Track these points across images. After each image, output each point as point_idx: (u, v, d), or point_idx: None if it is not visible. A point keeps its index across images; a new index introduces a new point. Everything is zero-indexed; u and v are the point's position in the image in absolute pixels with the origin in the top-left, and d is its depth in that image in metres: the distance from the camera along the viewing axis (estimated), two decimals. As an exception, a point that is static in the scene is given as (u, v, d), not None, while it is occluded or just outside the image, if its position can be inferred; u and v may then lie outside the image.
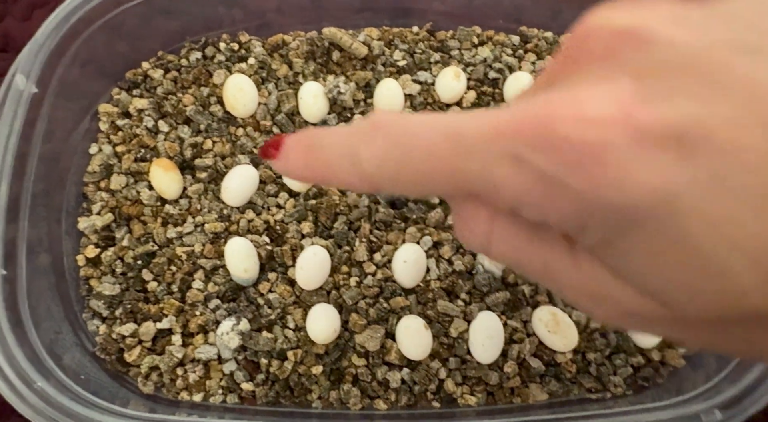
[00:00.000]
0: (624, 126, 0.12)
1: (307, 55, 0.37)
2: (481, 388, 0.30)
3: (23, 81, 0.30)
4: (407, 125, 0.15)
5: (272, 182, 0.34)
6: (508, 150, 0.13)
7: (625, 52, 0.13)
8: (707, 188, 0.11)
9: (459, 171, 0.14)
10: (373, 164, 0.15)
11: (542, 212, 0.14)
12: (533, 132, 0.13)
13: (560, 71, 0.15)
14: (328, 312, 0.30)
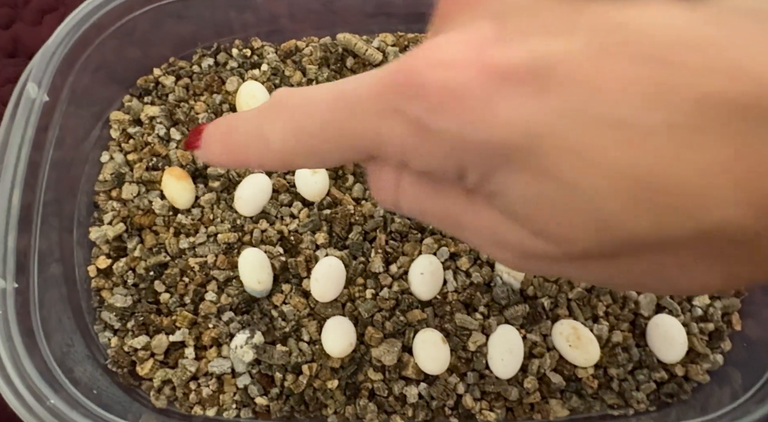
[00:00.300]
0: (478, 66, 0.12)
1: (321, 62, 0.36)
2: (500, 404, 0.29)
3: (35, 89, 0.30)
4: (302, 97, 0.16)
5: (285, 192, 0.33)
6: (385, 105, 0.14)
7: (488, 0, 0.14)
8: (566, 120, 0.12)
9: (350, 134, 0.15)
10: (278, 140, 0.16)
11: (424, 160, 0.14)
12: (401, 83, 0.13)
13: (437, 25, 0.16)
14: (343, 325, 0.30)
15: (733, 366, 0.31)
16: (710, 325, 0.31)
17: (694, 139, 0.11)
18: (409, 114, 0.13)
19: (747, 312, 0.32)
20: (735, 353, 0.31)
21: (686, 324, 0.31)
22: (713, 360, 0.31)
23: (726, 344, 0.31)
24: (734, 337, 0.32)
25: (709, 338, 0.31)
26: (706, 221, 0.11)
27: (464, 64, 0.13)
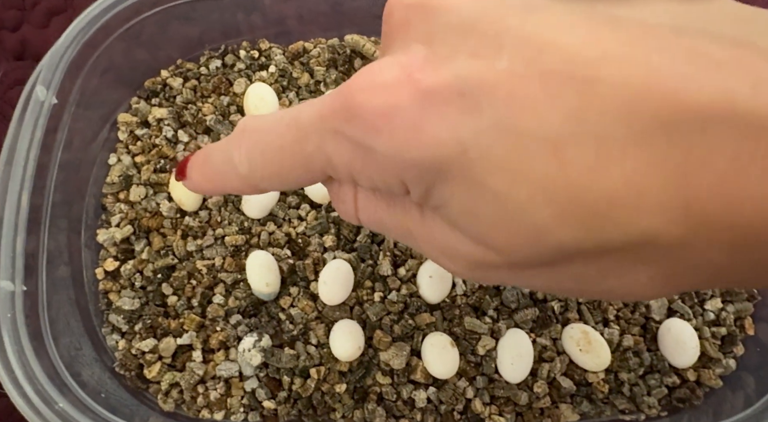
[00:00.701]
0: (408, 88, 0.13)
1: (329, 63, 0.36)
2: (510, 408, 0.29)
3: (44, 92, 0.30)
4: (263, 124, 0.17)
5: (293, 194, 0.33)
6: (328, 127, 0.15)
7: (417, 22, 0.14)
8: (493, 136, 0.12)
9: (303, 156, 0.16)
10: (244, 166, 0.17)
11: (369, 178, 0.15)
12: (340, 107, 0.14)
13: (381, 49, 0.17)
14: (351, 329, 0.29)
15: (746, 370, 0.30)
16: (723, 329, 0.31)
17: (616, 150, 0.11)
18: (349, 136, 0.14)
19: (760, 316, 0.32)
20: (748, 357, 0.31)
21: (698, 328, 0.30)
22: (726, 365, 0.30)
23: (739, 348, 0.31)
24: (747, 341, 0.31)
25: (721, 342, 0.31)
26: (634, 230, 0.12)
27: (395, 86, 0.13)
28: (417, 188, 0.14)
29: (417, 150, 0.13)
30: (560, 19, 0.13)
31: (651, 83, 0.11)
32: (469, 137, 0.12)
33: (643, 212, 0.11)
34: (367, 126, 0.14)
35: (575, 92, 0.11)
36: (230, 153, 0.17)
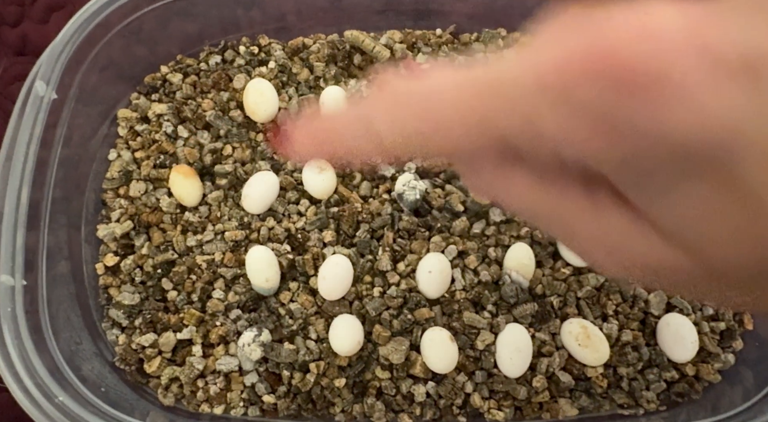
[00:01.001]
0: (695, 49, 0.10)
1: (328, 59, 0.36)
2: (508, 403, 0.29)
3: (43, 87, 0.30)
4: (423, 88, 0.14)
5: (293, 189, 0.33)
6: (555, 91, 0.12)
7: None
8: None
9: (491, 121, 0.13)
10: (392, 134, 0.14)
11: (586, 152, 0.12)
12: (583, 57, 0.11)
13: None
14: (351, 323, 0.30)
15: (745, 365, 0.30)
16: (721, 324, 0.31)
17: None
18: (585, 99, 0.11)
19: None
20: (747, 352, 0.31)
21: (697, 322, 0.30)
22: (724, 360, 0.30)
23: (738, 343, 0.31)
24: (746, 336, 0.31)
25: (720, 337, 0.31)
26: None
27: (679, 43, 0.10)
28: (646, 174, 0.12)
29: (687, 130, 0.11)
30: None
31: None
32: (747, 122, 0.10)
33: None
34: (628, 89, 0.11)
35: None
36: (369, 120, 0.14)
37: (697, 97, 0.10)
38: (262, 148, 0.34)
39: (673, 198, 0.12)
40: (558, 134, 0.12)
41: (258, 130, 0.35)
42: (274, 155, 0.33)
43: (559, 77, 0.11)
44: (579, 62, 0.11)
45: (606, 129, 0.11)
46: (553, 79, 0.12)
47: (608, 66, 0.11)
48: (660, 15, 0.11)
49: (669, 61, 0.10)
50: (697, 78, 0.10)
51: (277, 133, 0.18)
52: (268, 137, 0.18)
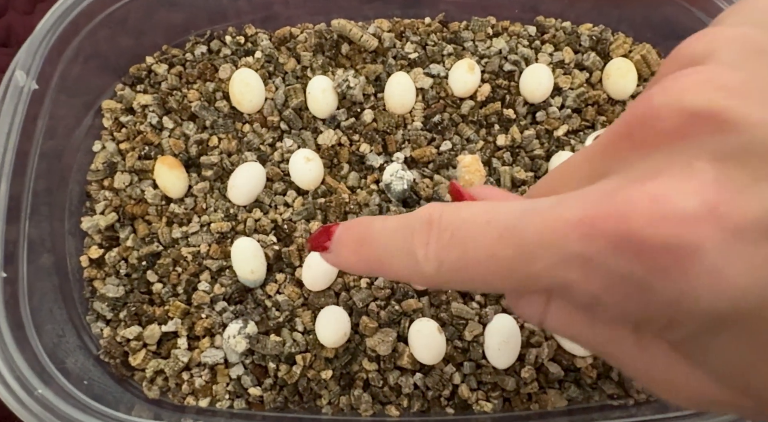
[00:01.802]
0: (712, 225, 0.11)
1: (316, 48, 0.35)
2: (497, 394, 0.29)
3: (23, 77, 0.29)
4: (463, 225, 0.15)
5: (280, 180, 0.33)
6: (578, 252, 0.13)
7: (701, 136, 0.12)
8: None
9: (521, 273, 0.14)
10: (431, 265, 0.15)
11: (623, 312, 0.13)
12: (607, 233, 0.12)
13: (624, 150, 0.14)
14: (337, 315, 0.29)
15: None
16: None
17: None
18: (612, 268, 0.12)
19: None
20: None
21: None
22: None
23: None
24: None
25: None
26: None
27: (696, 220, 0.11)
28: (683, 331, 0.13)
29: (712, 299, 0.11)
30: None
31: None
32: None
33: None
34: (650, 264, 0.12)
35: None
36: (412, 247, 0.15)
37: (718, 268, 0.11)
38: (249, 139, 0.33)
39: (700, 348, 0.13)
40: (585, 293, 0.13)
41: (244, 120, 0.34)
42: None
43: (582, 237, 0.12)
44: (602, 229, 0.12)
45: (631, 292, 0.12)
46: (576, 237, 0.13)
47: (631, 240, 0.12)
48: (672, 197, 0.12)
49: (689, 240, 0.11)
50: (717, 252, 0.11)
51: (322, 232, 0.19)
52: (314, 237, 0.19)
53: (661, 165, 0.12)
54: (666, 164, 0.12)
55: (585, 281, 0.13)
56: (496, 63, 0.35)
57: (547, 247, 0.13)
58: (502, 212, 0.14)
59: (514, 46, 0.35)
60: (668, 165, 0.12)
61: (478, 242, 0.14)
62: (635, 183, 0.12)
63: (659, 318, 0.13)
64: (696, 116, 0.12)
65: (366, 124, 0.34)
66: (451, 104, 0.34)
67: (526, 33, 0.36)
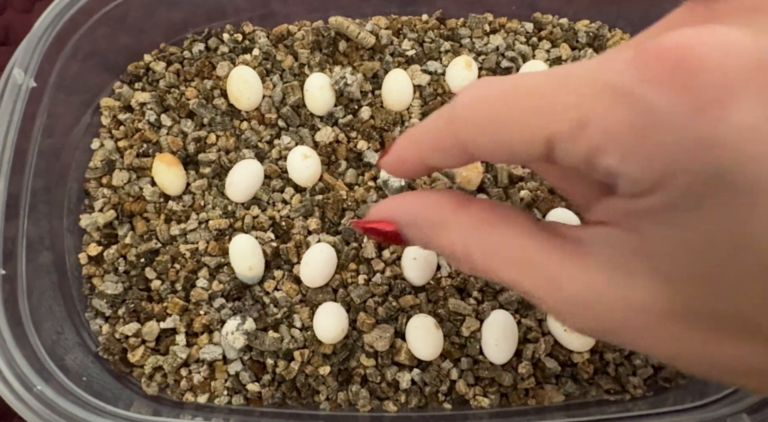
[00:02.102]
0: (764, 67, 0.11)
1: (313, 46, 0.35)
2: (494, 389, 0.29)
3: (21, 75, 0.29)
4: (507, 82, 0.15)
5: (277, 177, 0.33)
6: (615, 82, 0.12)
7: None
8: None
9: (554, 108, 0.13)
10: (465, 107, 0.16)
11: (626, 157, 0.12)
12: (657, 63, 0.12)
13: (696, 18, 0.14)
14: (335, 311, 0.29)
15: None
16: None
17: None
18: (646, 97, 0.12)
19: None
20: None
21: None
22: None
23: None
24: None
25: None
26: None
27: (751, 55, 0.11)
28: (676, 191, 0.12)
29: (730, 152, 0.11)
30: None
31: None
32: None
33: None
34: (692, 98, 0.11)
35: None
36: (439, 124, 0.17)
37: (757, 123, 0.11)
38: (247, 136, 0.33)
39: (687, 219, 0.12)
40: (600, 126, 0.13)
41: (242, 118, 0.34)
42: (266, 156, 0.33)
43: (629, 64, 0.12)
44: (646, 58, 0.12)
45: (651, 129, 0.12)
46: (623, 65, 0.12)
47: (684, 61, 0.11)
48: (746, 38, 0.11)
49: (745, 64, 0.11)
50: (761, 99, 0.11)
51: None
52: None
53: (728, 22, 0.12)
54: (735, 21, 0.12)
55: (607, 113, 0.12)
56: (493, 60, 0.35)
57: (588, 76, 0.13)
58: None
59: (511, 43, 0.36)
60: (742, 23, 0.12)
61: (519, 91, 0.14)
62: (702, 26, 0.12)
63: (663, 165, 0.12)
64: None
65: (363, 121, 0.34)
66: (448, 101, 0.34)
67: (523, 30, 0.36)
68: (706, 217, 0.12)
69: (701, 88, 0.11)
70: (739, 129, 0.11)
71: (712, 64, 0.11)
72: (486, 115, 0.15)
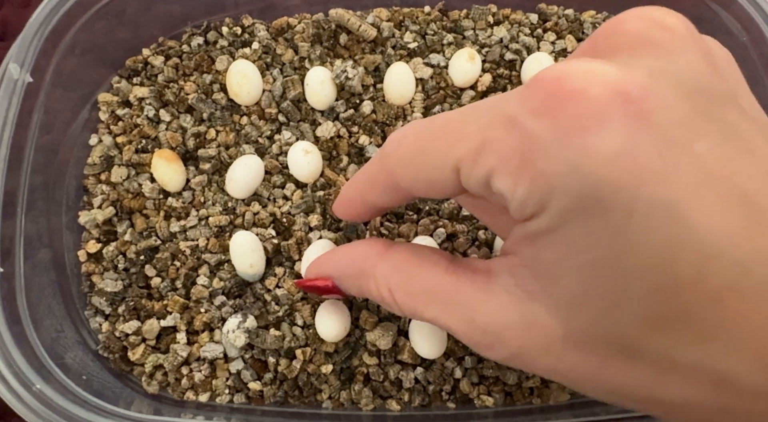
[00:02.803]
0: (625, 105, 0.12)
1: (314, 39, 0.35)
2: (498, 388, 0.29)
3: (17, 70, 0.29)
4: (423, 121, 0.17)
5: (278, 173, 0.32)
6: (507, 112, 0.14)
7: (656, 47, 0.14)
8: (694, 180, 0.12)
9: (458, 137, 0.15)
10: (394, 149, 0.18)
11: (515, 181, 0.14)
12: (538, 91, 0.13)
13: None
14: (337, 309, 0.29)
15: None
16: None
17: None
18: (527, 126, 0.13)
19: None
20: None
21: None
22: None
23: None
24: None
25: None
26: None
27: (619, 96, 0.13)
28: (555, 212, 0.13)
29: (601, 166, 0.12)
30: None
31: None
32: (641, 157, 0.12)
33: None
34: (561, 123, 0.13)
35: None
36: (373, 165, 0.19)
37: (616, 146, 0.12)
38: (247, 131, 0.33)
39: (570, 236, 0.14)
40: (494, 151, 0.14)
41: (242, 113, 0.34)
42: (266, 152, 0.33)
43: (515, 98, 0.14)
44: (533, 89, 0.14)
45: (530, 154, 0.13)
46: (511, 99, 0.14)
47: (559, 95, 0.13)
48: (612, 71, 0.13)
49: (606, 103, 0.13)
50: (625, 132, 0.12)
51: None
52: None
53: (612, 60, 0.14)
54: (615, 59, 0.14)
55: (499, 140, 0.14)
56: (497, 52, 0.34)
57: (487, 108, 0.14)
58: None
59: (515, 35, 0.35)
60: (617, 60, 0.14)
61: (435, 120, 0.16)
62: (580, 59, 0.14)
63: (543, 187, 0.13)
64: (658, 23, 0.14)
65: (365, 115, 0.33)
66: (451, 95, 0.34)
67: (527, 21, 0.36)
68: (583, 240, 0.13)
69: (569, 117, 0.12)
70: (603, 155, 0.12)
71: (579, 95, 0.12)
72: (408, 150, 0.17)
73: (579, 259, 0.13)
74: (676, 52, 0.14)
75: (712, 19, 0.33)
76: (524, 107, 0.13)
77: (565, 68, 0.13)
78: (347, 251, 0.22)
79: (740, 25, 0.32)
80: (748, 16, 0.31)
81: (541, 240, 0.14)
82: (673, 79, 0.13)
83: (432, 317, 0.17)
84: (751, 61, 0.32)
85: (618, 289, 0.13)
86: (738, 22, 0.32)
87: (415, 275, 0.18)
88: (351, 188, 0.22)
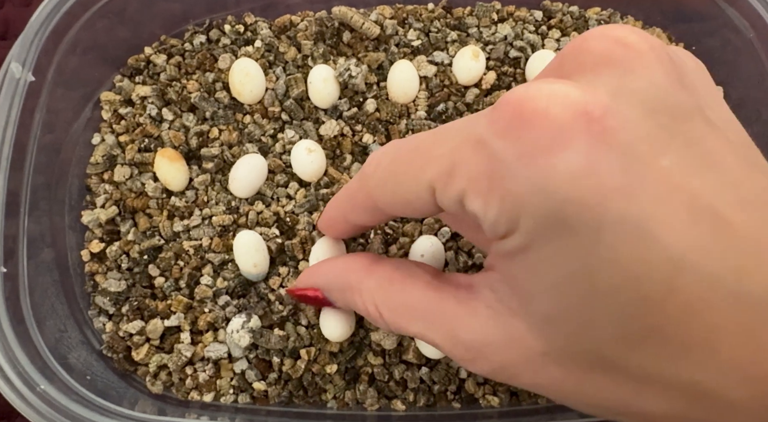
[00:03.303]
0: (577, 109, 0.13)
1: (317, 37, 0.35)
2: (504, 388, 0.29)
3: (18, 69, 0.29)
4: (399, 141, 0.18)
5: (281, 172, 0.32)
6: (475, 133, 0.14)
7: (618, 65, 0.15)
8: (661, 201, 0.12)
9: (430, 159, 0.15)
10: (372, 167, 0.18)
11: (485, 202, 0.14)
12: (504, 113, 0.13)
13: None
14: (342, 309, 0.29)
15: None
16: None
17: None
18: (493, 148, 0.13)
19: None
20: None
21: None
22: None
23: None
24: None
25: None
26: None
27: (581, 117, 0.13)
28: (525, 232, 0.13)
29: (568, 186, 0.12)
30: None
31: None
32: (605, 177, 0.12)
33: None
34: (525, 145, 0.13)
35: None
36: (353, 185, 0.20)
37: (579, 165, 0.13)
38: (250, 130, 0.33)
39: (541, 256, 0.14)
40: (464, 172, 0.15)
41: (245, 111, 0.34)
42: (269, 151, 0.33)
43: (483, 120, 0.14)
44: (499, 112, 0.14)
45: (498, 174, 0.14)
46: (480, 121, 0.14)
47: (523, 116, 0.13)
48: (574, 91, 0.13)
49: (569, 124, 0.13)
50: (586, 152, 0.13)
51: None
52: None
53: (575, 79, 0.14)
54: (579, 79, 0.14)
55: (468, 161, 0.14)
56: (502, 50, 0.34)
57: (457, 130, 0.15)
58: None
59: (519, 32, 0.35)
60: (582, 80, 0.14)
61: (410, 140, 0.17)
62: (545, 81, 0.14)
63: (506, 211, 0.13)
64: (620, 42, 0.14)
65: (368, 114, 0.33)
66: (455, 93, 0.33)
67: (532, 18, 0.35)
68: (554, 259, 0.13)
69: (532, 137, 0.13)
70: (567, 174, 0.12)
71: (541, 116, 0.13)
72: (384, 172, 0.17)
73: (552, 277, 0.13)
74: (639, 69, 0.14)
75: (719, 16, 0.33)
76: (491, 128, 0.14)
77: (527, 89, 0.13)
78: (335, 263, 0.23)
79: (747, 21, 0.32)
80: (754, 13, 0.31)
81: (517, 258, 0.14)
82: (636, 97, 0.13)
83: (417, 332, 0.18)
84: (757, 57, 0.31)
85: (591, 307, 0.13)
86: (744, 18, 0.32)
87: (399, 291, 0.18)
88: (333, 208, 0.23)
